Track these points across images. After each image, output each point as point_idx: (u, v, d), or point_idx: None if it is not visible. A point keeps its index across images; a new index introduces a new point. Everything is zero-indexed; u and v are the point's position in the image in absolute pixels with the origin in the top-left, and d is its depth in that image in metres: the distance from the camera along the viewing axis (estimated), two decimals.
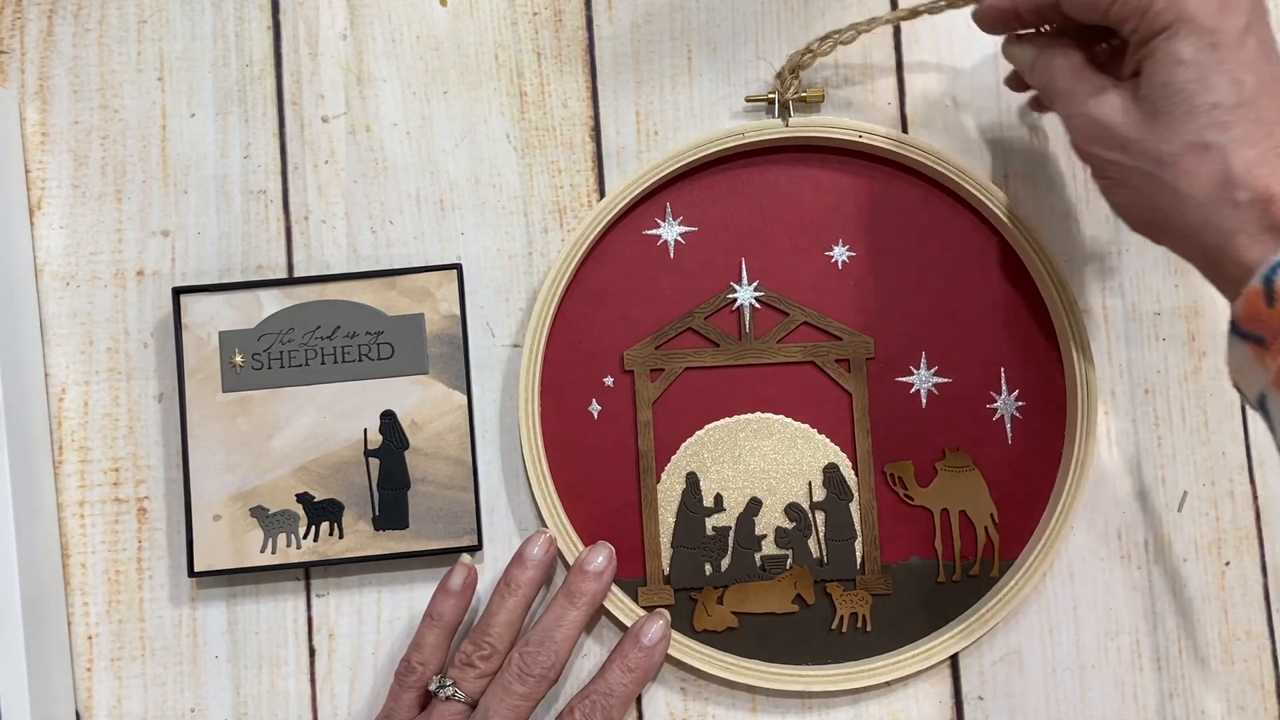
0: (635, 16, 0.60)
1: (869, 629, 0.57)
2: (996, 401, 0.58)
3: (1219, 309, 0.59)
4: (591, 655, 0.57)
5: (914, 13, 0.54)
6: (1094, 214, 0.59)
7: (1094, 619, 0.58)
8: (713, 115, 0.59)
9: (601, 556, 0.55)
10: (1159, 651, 0.58)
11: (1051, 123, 0.60)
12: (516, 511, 0.58)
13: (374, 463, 0.56)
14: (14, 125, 0.58)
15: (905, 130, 0.59)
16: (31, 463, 0.55)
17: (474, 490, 0.56)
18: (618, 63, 0.60)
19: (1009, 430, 0.58)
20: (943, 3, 0.54)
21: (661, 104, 0.60)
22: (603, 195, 0.59)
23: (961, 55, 0.60)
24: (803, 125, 0.58)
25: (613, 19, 0.60)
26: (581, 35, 0.60)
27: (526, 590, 0.54)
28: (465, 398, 0.56)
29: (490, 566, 0.57)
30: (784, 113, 0.58)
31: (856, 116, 0.59)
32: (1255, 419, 0.59)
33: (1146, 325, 0.59)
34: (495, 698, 0.52)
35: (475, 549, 0.56)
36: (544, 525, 0.56)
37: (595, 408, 0.58)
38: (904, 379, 0.58)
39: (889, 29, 0.60)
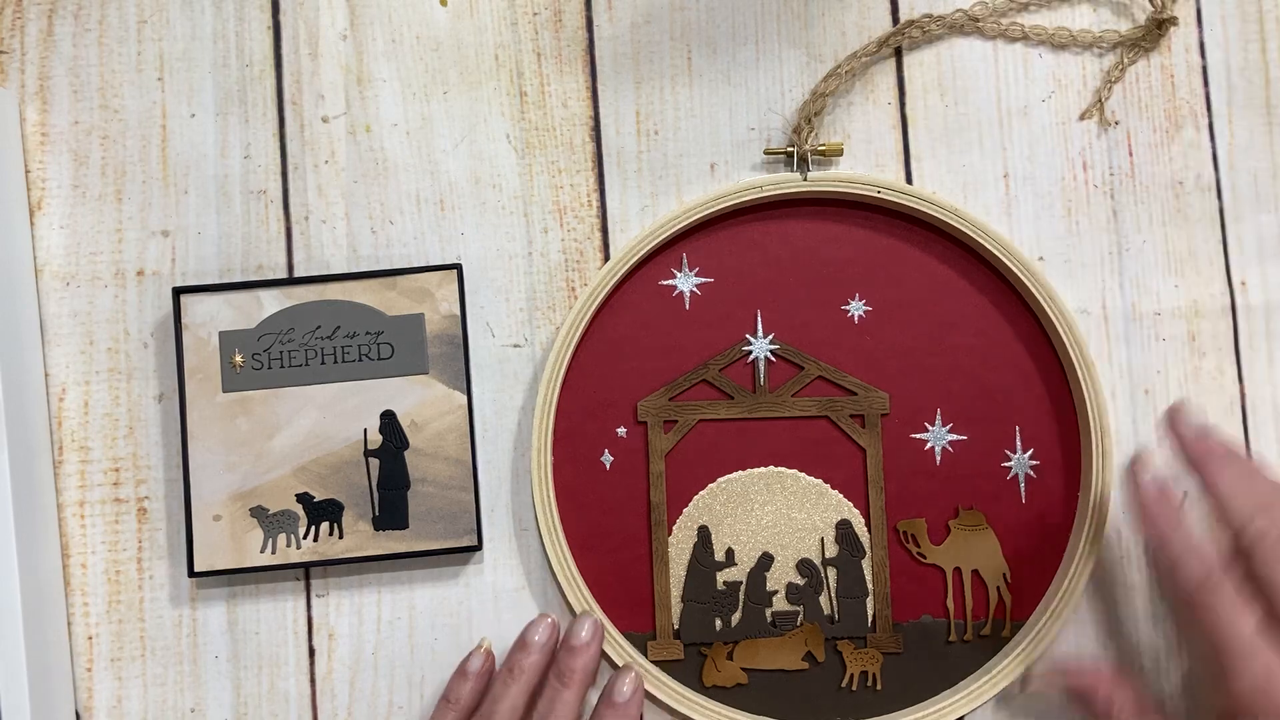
0: (635, 16, 0.60)
1: (879, 688, 0.57)
2: (1011, 460, 0.58)
3: (1219, 309, 0.59)
4: None
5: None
6: (1094, 214, 0.59)
7: (1094, 619, 0.58)
8: (712, 116, 0.59)
9: (585, 629, 0.54)
10: (1159, 651, 0.58)
11: (1052, 123, 0.60)
12: (516, 511, 0.58)
13: (374, 463, 0.56)
14: (14, 125, 0.58)
15: (905, 127, 0.59)
16: (31, 463, 0.55)
17: (474, 490, 0.56)
18: (618, 63, 0.60)
19: (1023, 490, 0.58)
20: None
21: (661, 104, 0.60)
22: (603, 195, 0.59)
23: (961, 54, 0.60)
24: (821, 180, 0.57)
25: (613, 19, 0.60)
26: (581, 35, 0.60)
27: (529, 676, 0.53)
28: (465, 398, 0.56)
29: (490, 566, 0.57)
30: (802, 166, 0.58)
31: (856, 120, 0.59)
32: (1255, 420, 0.59)
33: (1146, 325, 0.59)
34: None
35: (475, 549, 0.56)
36: (560, 598, 0.56)
37: (607, 458, 0.58)
38: (919, 436, 0.58)
39: (890, 51, 0.60)
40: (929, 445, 0.58)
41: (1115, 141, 0.60)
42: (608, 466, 0.58)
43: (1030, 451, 0.58)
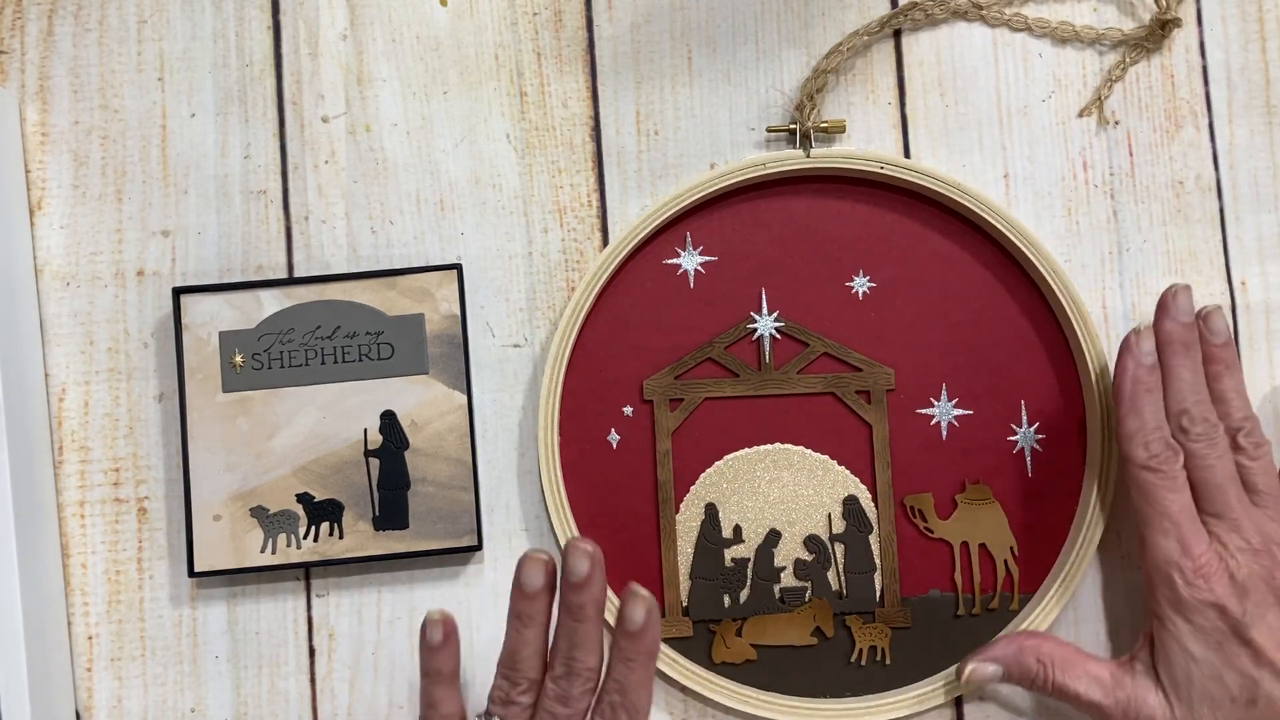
0: (635, 16, 0.60)
1: (888, 662, 0.57)
2: (1017, 434, 0.58)
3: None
4: None
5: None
6: (1094, 213, 0.59)
7: (1093, 618, 0.58)
8: (712, 116, 0.59)
9: (582, 564, 0.49)
10: None
11: (1052, 123, 0.60)
12: (516, 512, 0.58)
13: (374, 463, 0.56)
14: (14, 125, 0.58)
15: (905, 127, 0.59)
16: (31, 463, 0.55)
17: (474, 490, 0.56)
18: (618, 63, 0.60)
19: (1029, 463, 0.58)
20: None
21: (661, 104, 0.60)
22: (603, 195, 0.59)
23: (961, 54, 0.60)
24: (824, 156, 0.58)
25: (613, 19, 0.60)
26: (581, 35, 0.60)
27: (541, 618, 0.50)
28: (465, 398, 0.56)
29: (490, 566, 0.57)
30: (805, 143, 0.58)
31: (857, 120, 0.59)
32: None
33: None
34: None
35: (475, 549, 0.56)
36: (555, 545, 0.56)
37: (614, 437, 0.58)
38: (924, 411, 0.58)
39: (888, 37, 0.60)
40: (935, 420, 0.58)
41: (1115, 141, 0.60)
42: (614, 445, 0.58)
43: (1036, 425, 0.58)
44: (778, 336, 0.58)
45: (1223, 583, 0.50)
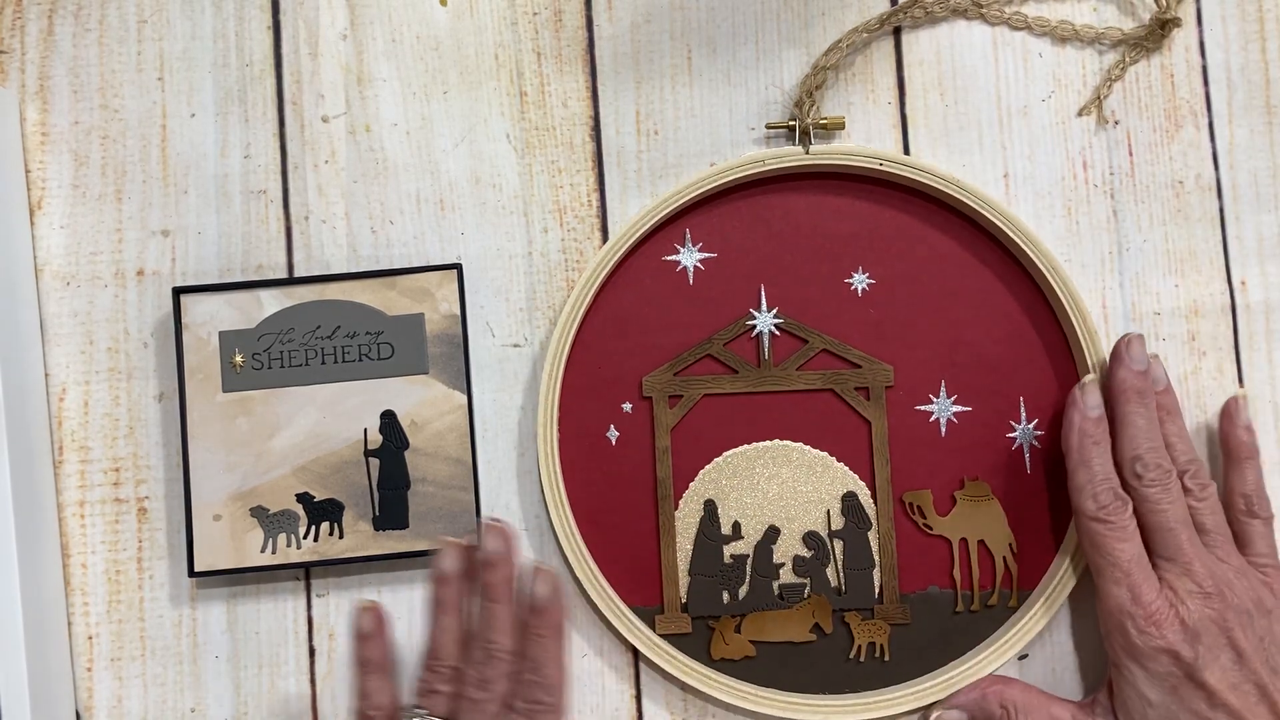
0: (635, 16, 0.60)
1: (887, 659, 0.57)
2: (1015, 431, 0.58)
3: (1219, 309, 0.59)
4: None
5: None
6: (1094, 213, 0.59)
7: (1093, 616, 0.58)
8: (712, 116, 0.59)
9: (495, 541, 0.52)
10: None
11: (1052, 123, 0.60)
12: (516, 511, 0.58)
13: (374, 463, 0.56)
14: (14, 125, 0.58)
15: (905, 127, 0.59)
16: (31, 463, 0.55)
17: (474, 490, 0.56)
18: (618, 63, 0.60)
19: (1028, 460, 0.58)
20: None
21: (661, 104, 0.60)
22: (603, 195, 0.59)
23: (961, 53, 0.60)
24: (823, 153, 0.58)
25: (613, 19, 0.60)
26: (581, 35, 0.60)
27: (456, 604, 0.52)
28: (465, 398, 0.56)
29: None
30: (804, 140, 0.58)
31: (857, 120, 0.59)
32: (1255, 420, 0.59)
33: (1146, 325, 0.59)
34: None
35: (475, 549, 0.56)
36: (569, 573, 0.56)
37: (613, 434, 0.58)
38: (923, 407, 0.58)
39: (888, 34, 0.60)
40: (934, 417, 0.58)
41: (1115, 141, 0.60)
42: (614, 442, 0.58)
43: (1034, 422, 0.58)
44: (777, 333, 0.58)
45: (1174, 628, 0.51)
